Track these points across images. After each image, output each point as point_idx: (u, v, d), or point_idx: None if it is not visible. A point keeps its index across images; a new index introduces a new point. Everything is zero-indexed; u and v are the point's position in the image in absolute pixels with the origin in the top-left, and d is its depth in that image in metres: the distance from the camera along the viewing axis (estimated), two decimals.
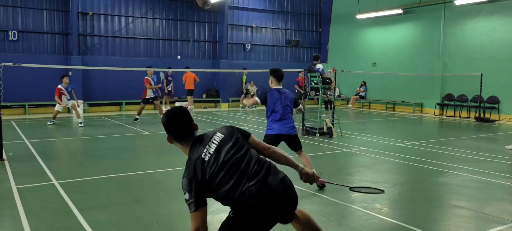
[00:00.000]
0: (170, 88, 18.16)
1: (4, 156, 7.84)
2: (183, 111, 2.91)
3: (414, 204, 5.66)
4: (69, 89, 13.39)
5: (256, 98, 6.18)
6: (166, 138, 2.93)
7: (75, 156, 9.09)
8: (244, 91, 20.73)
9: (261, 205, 2.71)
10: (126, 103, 18.20)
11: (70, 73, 16.86)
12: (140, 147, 9.82)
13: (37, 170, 7.14)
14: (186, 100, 18.87)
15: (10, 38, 16.06)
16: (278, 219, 2.91)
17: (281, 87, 6.11)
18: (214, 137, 2.85)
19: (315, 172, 3.41)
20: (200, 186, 2.67)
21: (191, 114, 3.01)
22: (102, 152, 9.37)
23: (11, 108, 15.62)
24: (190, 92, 18.85)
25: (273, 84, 6.07)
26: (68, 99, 13.38)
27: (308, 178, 3.33)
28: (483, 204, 5.66)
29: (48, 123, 13.07)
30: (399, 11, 19.18)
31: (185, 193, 2.67)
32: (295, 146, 6.09)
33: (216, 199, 2.82)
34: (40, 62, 14.92)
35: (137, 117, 14.12)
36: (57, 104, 13.35)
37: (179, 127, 2.84)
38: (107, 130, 12.22)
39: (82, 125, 12.87)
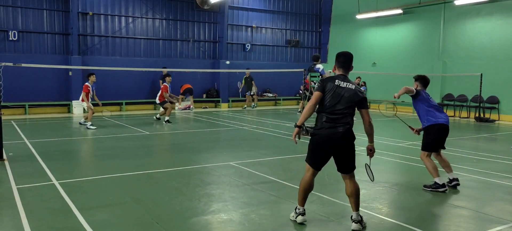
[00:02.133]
0: None
1: (4, 156, 7.84)
2: (349, 55, 4.64)
3: (414, 204, 5.66)
4: (94, 88, 12.99)
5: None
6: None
7: (75, 156, 9.10)
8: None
9: (325, 130, 4.44)
10: (126, 104, 18.22)
11: (70, 73, 16.91)
12: (140, 147, 9.82)
13: (37, 170, 7.14)
14: (189, 100, 18.90)
15: (10, 38, 16.05)
16: (332, 154, 4.53)
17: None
18: (350, 86, 4.47)
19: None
20: (322, 85, 4.55)
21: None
22: (102, 152, 9.38)
23: (11, 108, 15.62)
24: (190, 91, 18.88)
25: (419, 88, 6.56)
26: (92, 99, 12.91)
27: (371, 152, 4.65)
28: (483, 204, 5.66)
29: (92, 127, 12.37)
30: (399, 11, 19.19)
31: (317, 83, 4.77)
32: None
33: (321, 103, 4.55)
34: (40, 62, 14.93)
35: (167, 118, 13.98)
36: (85, 103, 12.64)
37: (343, 62, 4.61)
38: (107, 130, 12.22)
39: (86, 124, 12.65)
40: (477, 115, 16.23)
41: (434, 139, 6.22)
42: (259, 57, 22.24)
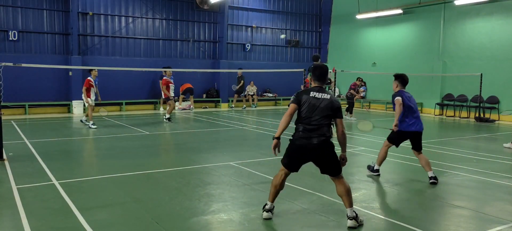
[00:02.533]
0: None
1: (4, 156, 7.84)
2: (325, 68, 4.75)
3: (414, 204, 5.66)
4: (96, 82, 12.79)
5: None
6: None
7: (75, 156, 9.09)
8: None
9: (300, 140, 4.56)
10: (126, 104, 18.21)
11: (70, 73, 16.90)
12: (140, 147, 9.82)
13: (37, 170, 7.14)
14: (189, 100, 18.89)
15: (10, 38, 16.05)
16: (308, 161, 4.67)
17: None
18: (326, 96, 4.56)
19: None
20: (297, 98, 4.63)
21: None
22: (102, 152, 9.38)
23: (11, 108, 15.61)
24: (191, 91, 18.87)
25: (399, 87, 6.94)
26: (95, 95, 12.66)
27: (343, 161, 4.69)
28: (483, 204, 5.66)
29: (93, 127, 12.30)
30: (399, 11, 19.18)
31: (293, 95, 4.69)
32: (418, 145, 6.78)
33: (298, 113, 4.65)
34: (40, 62, 14.91)
35: (168, 115, 13.98)
36: (87, 100, 12.41)
37: (319, 75, 4.70)
38: (107, 130, 12.22)
39: (87, 123, 12.60)
40: (477, 115, 16.23)
41: (397, 139, 6.86)
42: (259, 57, 22.23)
